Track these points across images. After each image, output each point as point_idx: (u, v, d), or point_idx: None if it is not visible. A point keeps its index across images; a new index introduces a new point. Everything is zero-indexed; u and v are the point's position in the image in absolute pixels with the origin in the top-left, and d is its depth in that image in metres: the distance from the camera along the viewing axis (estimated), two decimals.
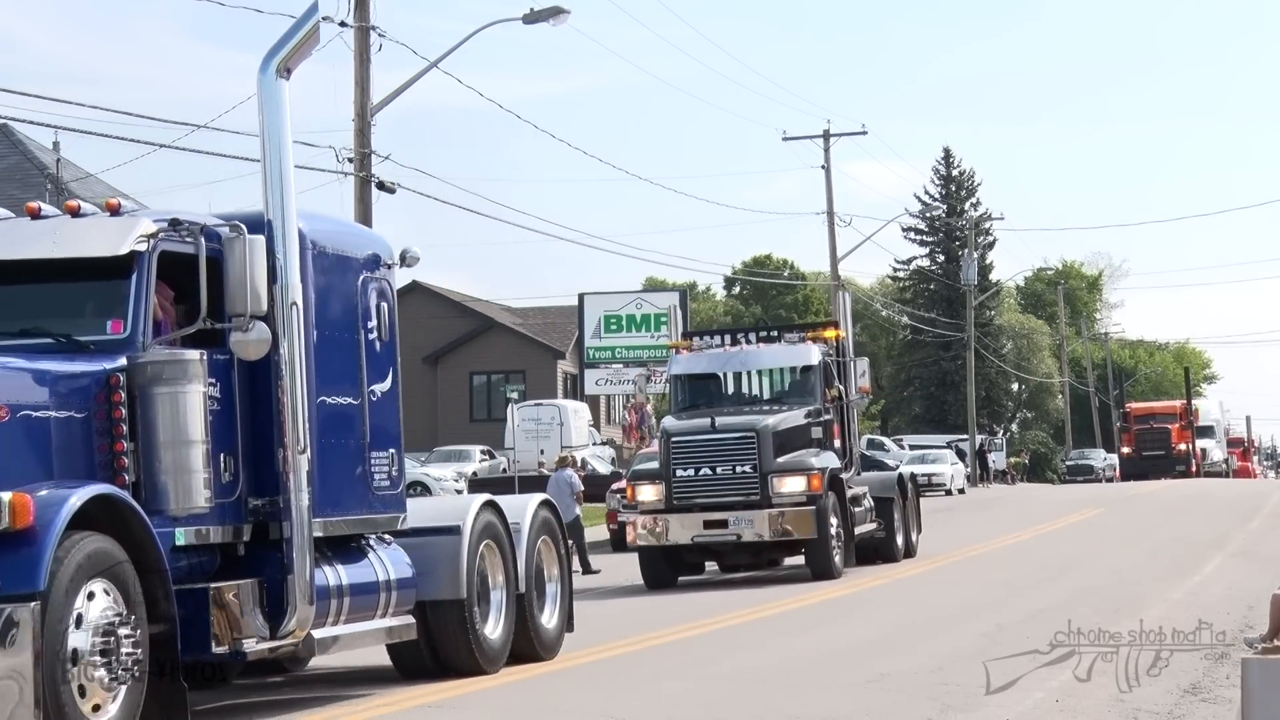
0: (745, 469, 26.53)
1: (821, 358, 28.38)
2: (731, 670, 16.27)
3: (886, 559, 29.78)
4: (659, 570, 27.55)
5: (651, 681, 15.69)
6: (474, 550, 15.49)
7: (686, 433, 27.09)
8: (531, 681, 15.84)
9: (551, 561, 17.10)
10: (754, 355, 28.80)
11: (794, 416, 27.47)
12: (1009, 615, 19.48)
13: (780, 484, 26.50)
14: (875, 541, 29.68)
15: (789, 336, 29.30)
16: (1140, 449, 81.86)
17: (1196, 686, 14.35)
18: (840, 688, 14.75)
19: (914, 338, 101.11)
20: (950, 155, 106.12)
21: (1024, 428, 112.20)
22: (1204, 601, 20.37)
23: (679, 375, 28.80)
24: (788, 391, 28.44)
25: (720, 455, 26.68)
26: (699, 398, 28.51)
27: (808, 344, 28.61)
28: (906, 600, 23.32)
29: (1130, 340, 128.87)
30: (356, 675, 16.72)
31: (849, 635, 19.17)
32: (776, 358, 28.70)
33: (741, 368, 28.73)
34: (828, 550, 26.65)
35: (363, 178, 31.81)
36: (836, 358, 29.12)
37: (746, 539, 26.64)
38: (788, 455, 26.77)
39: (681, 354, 29.13)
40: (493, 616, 15.95)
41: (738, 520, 26.52)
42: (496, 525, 16.00)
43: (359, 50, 31.77)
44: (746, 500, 26.56)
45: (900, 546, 30.38)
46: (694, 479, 26.70)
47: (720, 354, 28.90)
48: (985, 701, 13.60)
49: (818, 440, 27.72)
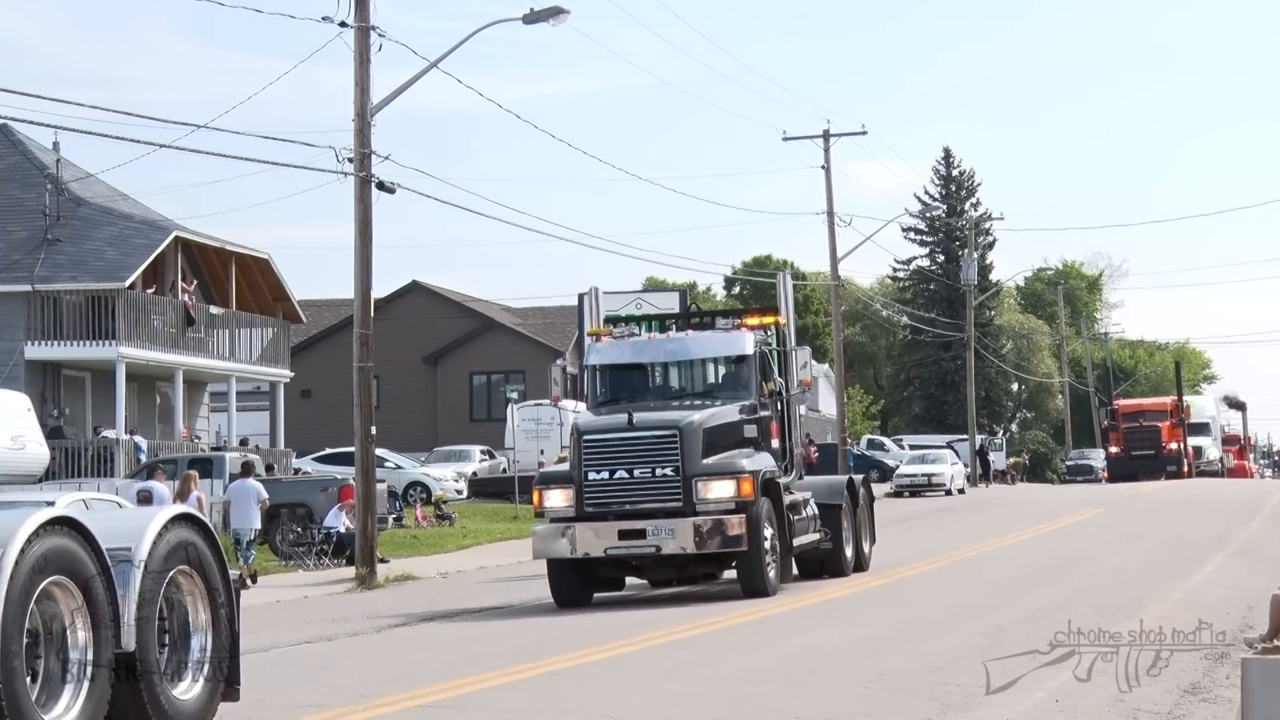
0: (666, 472, 23.55)
1: (758, 347, 25.44)
2: (732, 670, 16.26)
3: (834, 573, 26.87)
4: (569, 587, 24.45)
5: (651, 681, 15.69)
6: (20, 592, 10.79)
7: (600, 430, 24.06)
8: (531, 681, 15.84)
9: (197, 602, 12.63)
10: (679, 344, 25.70)
11: (725, 413, 24.51)
12: (1009, 615, 19.47)
13: (706, 489, 23.57)
14: (821, 554, 26.79)
15: (721, 323, 26.20)
16: (1129, 449, 77.80)
17: (1196, 686, 14.35)
18: (840, 687, 14.76)
19: (914, 338, 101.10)
20: (950, 155, 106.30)
21: (1024, 428, 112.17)
22: (1204, 601, 20.37)
23: (596, 366, 25.66)
24: (720, 385, 25.49)
25: (638, 456, 23.69)
26: (621, 392, 25.43)
27: (742, 332, 25.60)
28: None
29: (1130, 340, 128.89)
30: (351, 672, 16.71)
31: (848, 635, 19.16)
32: (705, 347, 25.63)
33: (666, 358, 25.71)
34: (760, 564, 23.79)
35: (363, 178, 31.78)
36: (777, 347, 26.11)
37: (667, 551, 23.71)
38: (716, 456, 23.84)
39: (601, 342, 25.89)
40: (65, 693, 11.24)
41: (657, 530, 23.53)
42: (75, 554, 11.31)
43: (359, 50, 31.74)
44: (667, 507, 23.59)
45: (849, 559, 27.32)
46: (608, 483, 23.68)
47: (642, 342, 25.81)
48: (985, 701, 13.60)
49: (752, 440, 24.75)
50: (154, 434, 45.62)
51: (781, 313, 26.82)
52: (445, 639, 20.59)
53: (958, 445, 76.70)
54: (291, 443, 50.93)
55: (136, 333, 43.29)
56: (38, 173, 45.97)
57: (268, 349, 50.03)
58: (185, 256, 47.38)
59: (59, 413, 43.28)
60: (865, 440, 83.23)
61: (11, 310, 42.62)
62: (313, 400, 64.82)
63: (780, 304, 27.33)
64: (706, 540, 23.45)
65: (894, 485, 64.31)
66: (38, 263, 43.21)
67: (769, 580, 23.87)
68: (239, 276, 48.87)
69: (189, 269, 47.70)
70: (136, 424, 44.72)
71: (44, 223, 44.05)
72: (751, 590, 23.83)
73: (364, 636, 22.04)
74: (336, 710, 14.36)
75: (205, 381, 50.09)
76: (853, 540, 27.53)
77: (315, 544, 34.09)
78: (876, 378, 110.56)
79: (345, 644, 21.10)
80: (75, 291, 42.93)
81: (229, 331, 48.34)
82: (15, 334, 42.52)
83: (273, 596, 28.82)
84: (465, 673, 16.54)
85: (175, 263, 46.34)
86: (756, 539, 23.60)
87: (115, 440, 41.64)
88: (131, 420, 44.20)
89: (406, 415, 67.27)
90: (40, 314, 42.78)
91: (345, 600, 28.40)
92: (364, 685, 16.04)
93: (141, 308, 43.90)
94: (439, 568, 33.07)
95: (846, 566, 27.13)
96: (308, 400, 64.64)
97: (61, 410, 43.54)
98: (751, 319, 26.22)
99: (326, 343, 67.73)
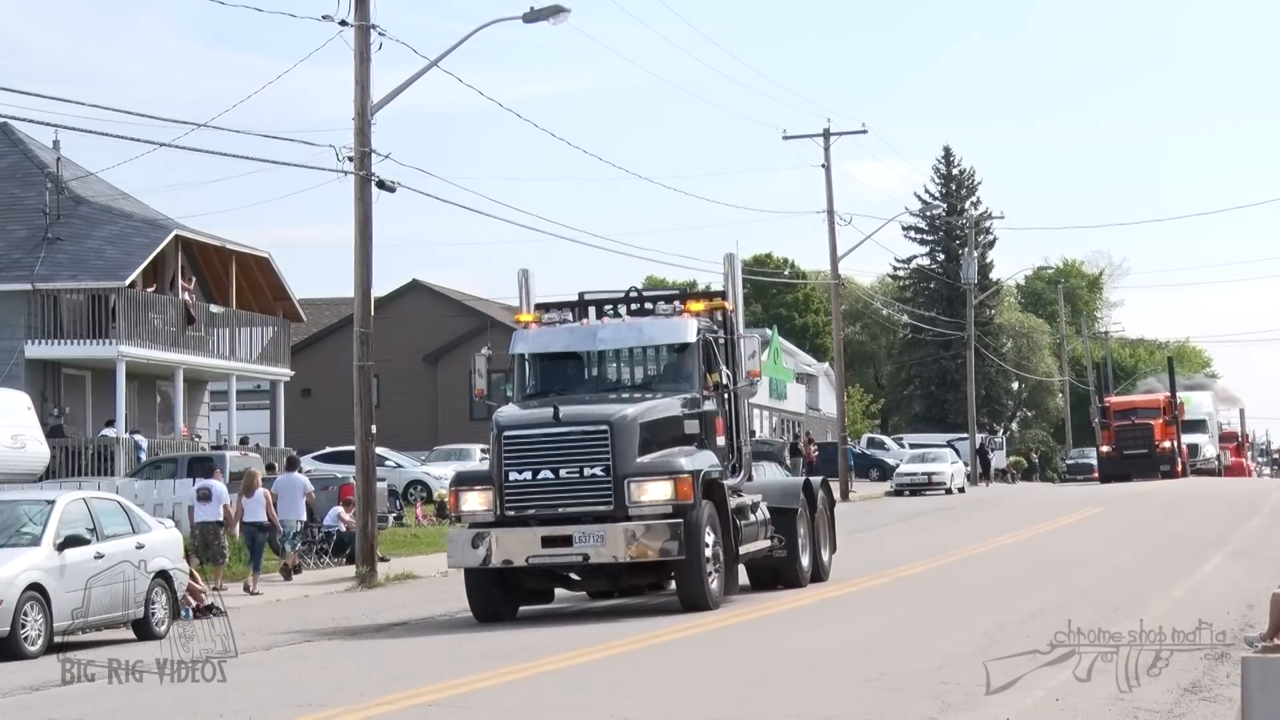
0: (595, 472, 21.42)
1: (701, 334, 23.13)
2: (731, 669, 16.25)
3: (789, 583, 24.80)
4: (489, 599, 22.38)
5: (652, 680, 15.68)
6: None
7: (523, 426, 21.90)
8: (531, 680, 15.84)
9: None
10: (613, 331, 23.42)
11: (664, 406, 22.40)
12: (1010, 614, 19.46)
13: (639, 491, 21.42)
14: (774, 562, 24.70)
15: (662, 308, 23.68)
16: (1121, 447, 74.61)
17: (1196, 685, 14.35)
18: (840, 687, 14.75)
19: (914, 336, 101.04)
20: (950, 154, 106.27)
21: (1024, 427, 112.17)
22: (1204, 601, 20.36)
23: (523, 355, 23.61)
24: (661, 376, 23.22)
25: (565, 454, 21.56)
26: (552, 384, 23.27)
27: (684, 318, 23.21)
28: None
29: (1130, 339, 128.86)
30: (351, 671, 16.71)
31: (847, 635, 19.15)
32: (643, 334, 23.29)
33: (599, 345, 23.40)
34: (699, 575, 21.62)
35: (363, 176, 31.76)
36: (723, 335, 23.81)
37: (596, 560, 21.51)
38: (653, 455, 21.74)
39: (530, 328, 23.79)
40: None
41: (585, 536, 21.38)
42: None
43: (359, 49, 31.72)
44: (597, 511, 21.45)
45: (805, 568, 25.06)
46: (531, 484, 21.57)
47: (574, 329, 23.58)
48: (985, 700, 13.60)
49: (693, 436, 22.66)
50: (154, 433, 45.61)
51: (729, 297, 24.38)
52: (445, 638, 20.56)
53: (958, 444, 76.68)
54: (292, 442, 50.85)
55: (136, 331, 43.27)
56: (38, 171, 45.96)
57: (268, 348, 50.02)
58: (185, 255, 47.36)
59: (59, 411, 43.27)
60: (865, 439, 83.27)
61: (12, 309, 42.60)
62: (313, 399, 64.78)
63: (727, 287, 24.69)
64: (640, 548, 21.37)
65: (894, 484, 64.36)
66: (38, 261, 43.19)
67: (710, 592, 21.76)
68: (239, 275, 48.84)
69: (189, 268, 47.67)
70: (137, 423, 44.71)
71: (44, 221, 44.01)
72: (690, 603, 21.73)
73: (364, 635, 22.02)
74: (335, 709, 14.36)
75: (205, 380, 50.07)
76: (810, 548, 25.39)
77: (316, 543, 34.09)
78: (877, 376, 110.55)
79: (345, 643, 21.10)
80: (75, 290, 42.91)
81: (229, 330, 48.32)
82: (15, 333, 42.50)
83: (273, 595, 28.83)
84: (466, 671, 16.53)
85: (175, 261, 46.32)
86: (695, 547, 21.51)
87: (115, 439, 41.62)
88: (132, 419, 44.17)
89: (407, 414, 67.23)
90: (40, 313, 42.76)
91: (346, 599, 28.39)
92: (364, 684, 16.04)
93: (141, 306, 43.88)
94: (439, 566, 32.95)
95: (802, 576, 24.98)
96: (308, 399, 64.61)
97: (62, 409, 43.52)
98: (695, 303, 23.88)
99: (327, 341, 67.70)
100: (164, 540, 23.38)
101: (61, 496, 22.64)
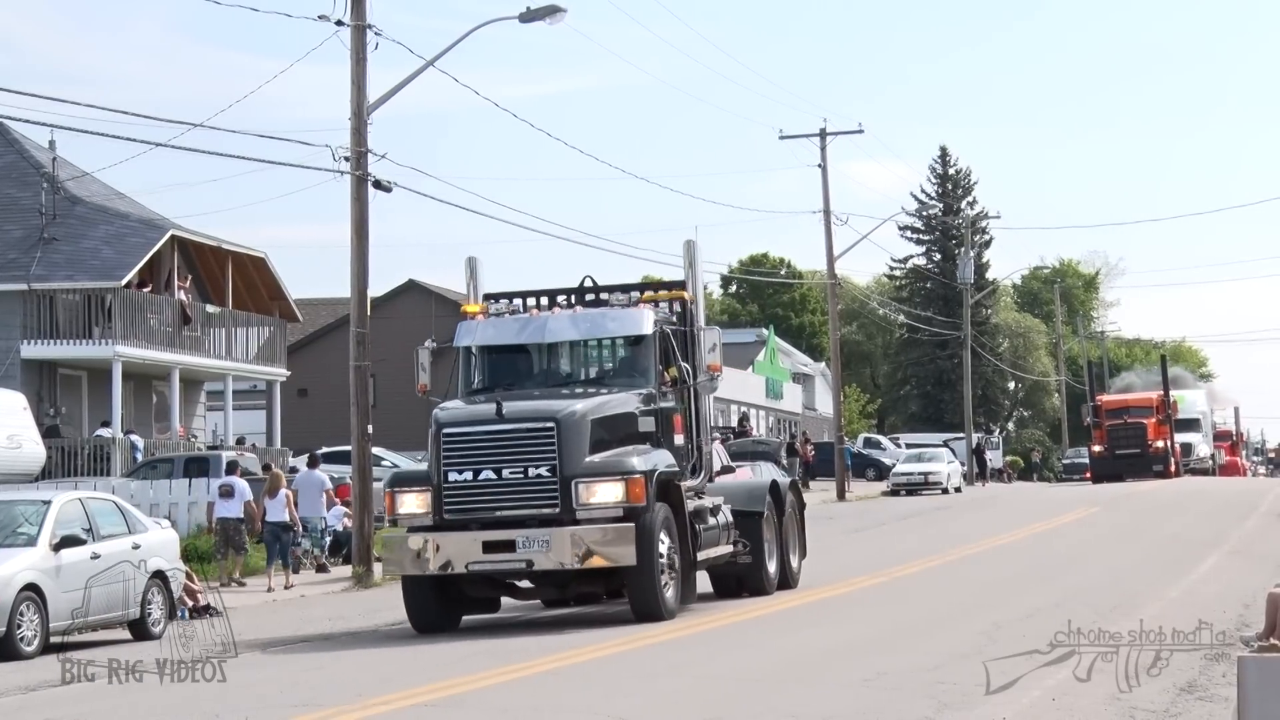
0: (541, 472, 20.18)
1: (658, 326, 21.91)
2: (728, 669, 16.25)
3: (754, 591, 23.61)
4: (428, 608, 21.17)
5: (651, 680, 15.69)
6: None
7: (463, 423, 20.71)
8: (530, 680, 15.84)
9: None
10: (564, 322, 22.14)
11: (616, 402, 21.18)
12: (1007, 614, 19.47)
13: (588, 492, 20.19)
14: (739, 569, 23.45)
15: (616, 298, 22.38)
16: (1113, 447, 72.71)
17: (1193, 685, 14.36)
18: (838, 686, 14.76)
19: (910, 336, 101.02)
20: (947, 154, 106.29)
21: (1020, 426, 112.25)
22: (1200, 600, 20.39)
23: (469, 348, 22.47)
24: (616, 370, 22.09)
25: (508, 453, 20.32)
26: (500, 379, 22.07)
27: (640, 309, 22.01)
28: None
29: (1127, 339, 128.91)
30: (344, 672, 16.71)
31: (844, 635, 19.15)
32: (596, 326, 22.05)
33: (549, 338, 22.15)
34: (653, 583, 20.34)
35: (359, 176, 31.76)
36: (682, 327, 22.56)
37: (542, 567, 20.29)
38: (604, 454, 20.54)
39: (477, 320, 22.61)
40: None
41: (529, 541, 20.11)
42: None
43: (355, 49, 31.71)
44: (542, 515, 20.21)
45: (772, 575, 23.82)
46: (472, 485, 20.34)
47: (523, 321, 22.33)
48: (983, 700, 13.61)
49: (649, 435, 21.33)
50: (150, 433, 45.58)
51: (689, 287, 23.13)
52: (443, 637, 20.55)
53: (954, 444, 76.67)
54: (288, 442, 50.83)
55: (133, 331, 43.24)
56: (33, 171, 45.91)
57: (264, 348, 49.99)
58: (181, 255, 47.33)
59: (55, 412, 43.25)
60: (862, 439, 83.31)
61: (7, 309, 42.56)
62: (309, 399, 64.72)
63: (687, 277, 23.43)
64: (588, 554, 20.06)
65: (890, 484, 64.38)
66: (34, 261, 43.16)
67: (664, 602, 20.50)
68: (235, 275, 48.81)
69: (185, 267, 47.65)
70: (133, 423, 44.68)
71: (40, 221, 43.97)
72: (643, 613, 20.50)
73: (361, 635, 22.02)
74: (331, 709, 14.36)
75: (202, 380, 50.03)
76: (777, 554, 24.14)
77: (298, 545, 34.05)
78: (873, 376, 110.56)
79: (342, 642, 21.09)
80: (71, 290, 42.88)
81: (225, 330, 48.28)
82: (11, 333, 42.47)
83: (269, 595, 28.85)
84: (463, 671, 16.54)
85: (171, 261, 46.29)
86: (648, 552, 20.19)
87: (111, 439, 41.61)
88: (128, 419, 44.15)
89: (403, 414, 67.18)
90: (36, 313, 42.73)
91: (342, 599, 28.40)
92: (360, 684, 16.03)
93: (138, 306, 43.85)
94: None
95: (769, 584, 23.73)
96: (304, 399, 64.53)
97: (58, 409, 43.49)
98: (653, 294, 22.79)
99: (323, 342, 67.63)
100: (160, 540, 23.39)
101: (58, 497, 22.63)
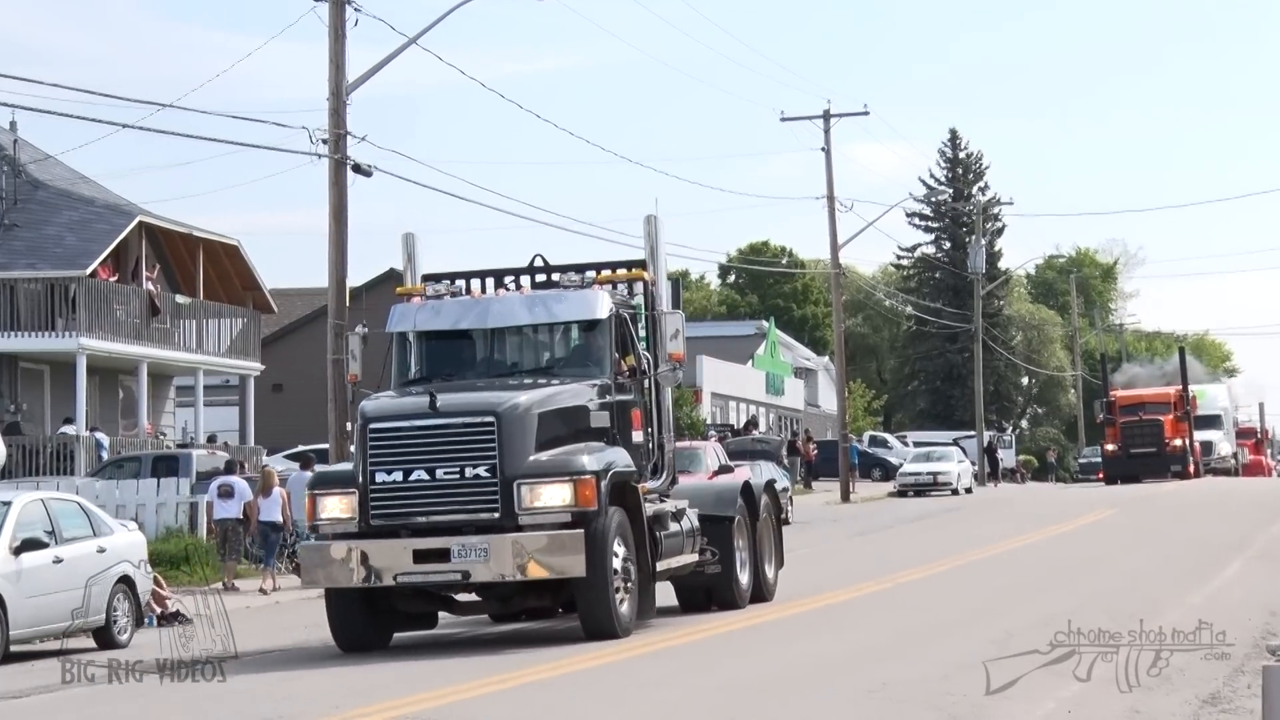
0: (479, 472, 19.00)
1: (615, 310, 20.63)
2: (727, 679, 16.25)
3: (724, 604, 22.48)
4: (354, 624, 20.02)
5: (646, 690, 15.70)
6: None
7: (392, 417, 19.49)
8: (520, 690, 15.85)
9: None
10: (508, 305, 20.83)
11: (566, 394, 19.97)
12: (1019, 621, 19.48)
13: (532, 495, 19.00)
14: (708, 580, 22.36)
15: (569, 279, 21.09)
16: (1127, 445, 71.45)
17: (1216, 697, 14.37)
18: (840, 697, 14.76)
19: (919, 329, 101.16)
20: (957, 137, 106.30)
21: (1034, 424, 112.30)
22: (1224, 607, 20.38)
23: (403, 334, 21.09)
24: (567, 359, 20.90)
25: (443, 451, 19.09)
26: (439, 368, 20.88)
27: (594, 290, 20.71)
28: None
29: (1147, 332, 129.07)
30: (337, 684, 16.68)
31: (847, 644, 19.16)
32: (544, 309, 20.76)
33: (492, 322, 20.82)
34: (605, 596, 19.16)
35: (338, 160, 31.76)
36: (644, 310, 21.34)
37: (480, 578, 19.11)
38: (551, 452, 19.37)
39: (414, 303, 21.19)
40: None
41: (465, 550, 18.89)
42: None
43: (334, 25, 31.70)
44: (480, 520, 19.04)
45: (744, 587, 22.69)
46: (402, 487, 19.13)
47: (464, 303, 21.03)
48: (994, 711, 13.62)
49: (603, 431, 20.19)
50: (116, 430, 45.55)
51: (650, 267, 21.76)
52: (425, 646, 20.54)
53: (964, 442, 76.68)
54: (262, 439, 50.81)
55: (98, 323, 43.21)
56: None
57: (237, 340, 49.97)
58: (150, 243, 47.31)
59: (15, 408, 43.21)
60: (868, 437, 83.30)
61: None
62: (284, 394, 64.68)
63: (647, 255, 21.99)
64: (532, 563, 18.87)
65: (897, 484, 64.41)
66: None
67: (618, 617, 19.33)
68: (207, 264, 48.81)
69: (154, 256, 47.63)
70: (98, 419, 44.66)
71: (0, 207, 43.98)
72: (594, 629, 19.39)
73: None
74: None
75: (171, 375, 50.03)
76: (750, 563, 22.99)
77: (287, 546, 34.07)
78: (879, 371, 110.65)
79: (317, 651, 21.05)
80: (33, 280, 42.85)
81: (196, 322, 48.27)
82: None
83: (244, 602, 28.77)
84: (448, 681, 16.52)
85: (139, 249, 46.28)
86: (599, 562, 18.98)
87: (75, 437, 41.58)
88: (93, 416, 44.12)
89: None
90: None
91: (316, 605, 28.31)
92: (337, 695, 16.02)
93: (103, 297, 43.82)
94: None
95: (740, 596, 22.60)
96: (279, 394, 64.49)
97: (18, 405, 43.46)
98: (610, 274, 21.61)
99: (299, 334, 67.59)
100: (127, 543, 23.37)
101: (18, 498, 22.59)
